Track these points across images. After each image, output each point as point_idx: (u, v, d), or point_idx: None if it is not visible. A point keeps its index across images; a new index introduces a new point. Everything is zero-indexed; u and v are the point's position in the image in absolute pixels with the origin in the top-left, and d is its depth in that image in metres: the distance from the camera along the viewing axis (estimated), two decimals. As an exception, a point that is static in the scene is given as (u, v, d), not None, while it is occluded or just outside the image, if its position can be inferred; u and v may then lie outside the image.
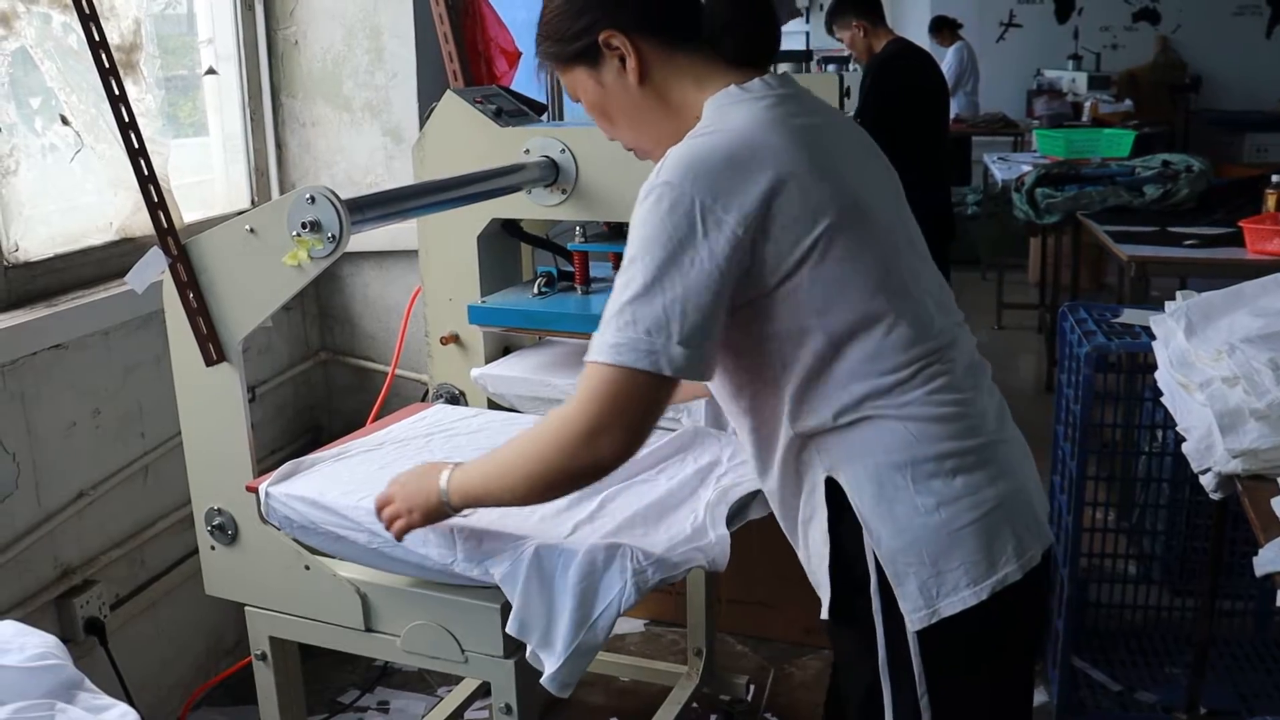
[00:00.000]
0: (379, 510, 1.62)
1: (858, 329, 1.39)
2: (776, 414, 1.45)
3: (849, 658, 1.53)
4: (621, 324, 1.33)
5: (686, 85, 1.47)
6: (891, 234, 1.46)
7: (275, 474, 1.78)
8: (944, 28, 9.29)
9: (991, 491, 1.42)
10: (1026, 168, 5.31)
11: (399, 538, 1.60)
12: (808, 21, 11.93)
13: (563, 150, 2.18)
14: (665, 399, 1.37)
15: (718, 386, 1.51)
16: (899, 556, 1.40)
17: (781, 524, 1.59)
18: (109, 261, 2.55)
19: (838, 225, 1.37)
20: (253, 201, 3.15)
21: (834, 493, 1.44)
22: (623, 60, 1.46)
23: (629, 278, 1.34)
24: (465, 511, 1.58)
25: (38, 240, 2.42)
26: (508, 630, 1.56)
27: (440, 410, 2.17)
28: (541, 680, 1.56)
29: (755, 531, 3.07)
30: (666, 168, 1.34)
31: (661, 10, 1.46)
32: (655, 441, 1.95)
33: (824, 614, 1.50)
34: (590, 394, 1.35)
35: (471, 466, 1.53)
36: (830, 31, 5.00)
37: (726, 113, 1.42)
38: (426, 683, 2.93)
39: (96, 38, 1.69)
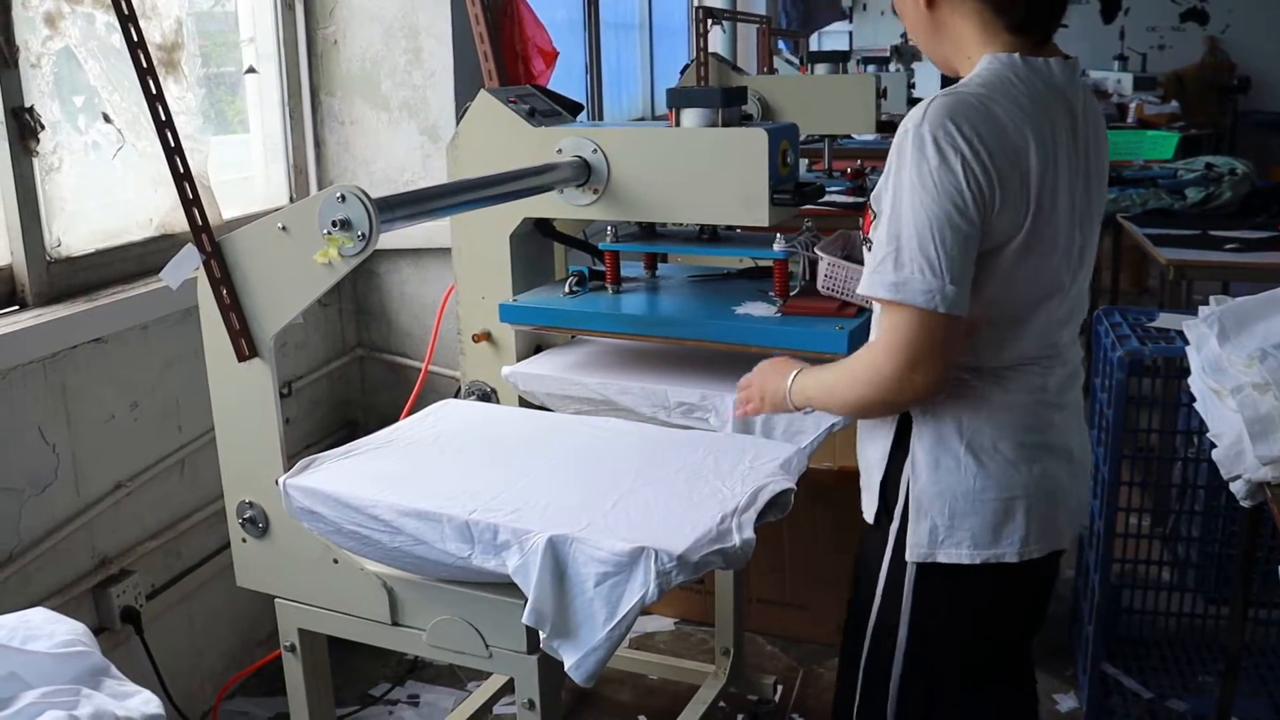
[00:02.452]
0: (740, 390, 1.91)
1: (1002, 320, 1.60)
2: None
3: (868, 555, 1.77)
4: (901, 263, 1.50)
5: (968, 26, 1.61)
6: (1067, 255, 1.62)
7: (291, 470, 1.80)
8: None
9: (1023, 484, 1.64)
10: (1068, 169, 5.27)
11: (743, 417, 1.90)
12: (851, 21, 11.90)
13: (595, 150, 2.19)
14: (954, 334, 1.53)
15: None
16: (925, 498, 1.64)
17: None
18: (149, 257, 2.59)
19: (1031, 229, 1.54)
20: (291, 198, 3.19)
21: (903, 427, 1.67)
22: None
23: (898, 216, 1.50)
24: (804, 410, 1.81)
25: (79, 236, 2.47)
26: (524, 620, 1.57)
27: (449, 406, 2.19)
28: (566, 669, 1.57)
29: (786, 533, 3.09)
30: (932, 114, 1.49)
31: None
32: (678, 441, 1.96)
33: (869, 519, 1.75)
34: (892, 337, 1.54)
35: (812, 376, 1.74)
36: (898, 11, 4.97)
37: (1001, 79, 1.55)
38: (457, 677, 2.96)
39: (135, 38, 1.72)
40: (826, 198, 4.29)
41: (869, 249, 1.60)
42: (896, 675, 1.74)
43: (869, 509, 1.74)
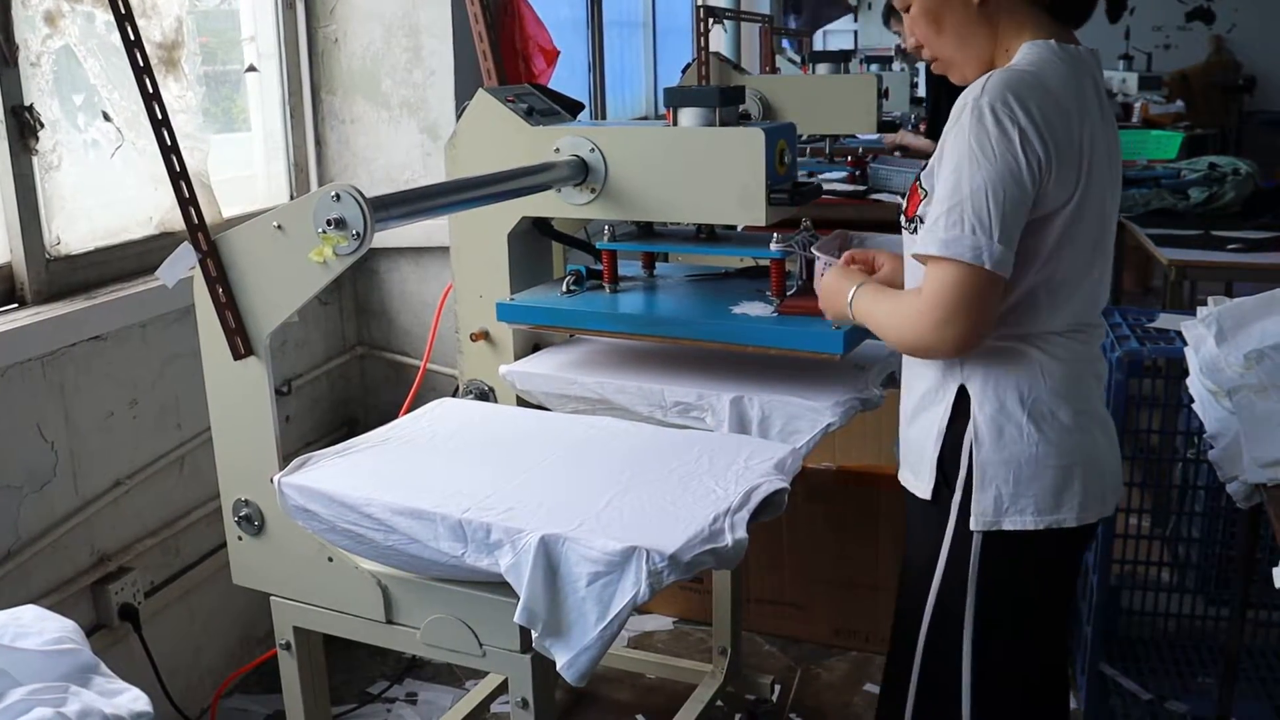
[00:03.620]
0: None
1: (1058, 284, 1.66)
2: None
3: (921, 530, 1.81)
4: (952, 222, 1.57)
5: (1013, 19, 1.69)
6: (1108, 224, 1.72)
7: (286, 468, 1.80)
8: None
9: (1079, 450, 1.71)
10: (1071, 169, 5.26)
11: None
12: (856, 20, 11.89)
13: (592, 150, 2.19)
14: (994, 293, 1.60)
15: (919, 276, 1.69)
16: (990, 467, 1.69)
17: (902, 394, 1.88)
18: (148, 255, 2.60)
19: (1081, 190, 1.62)
20: (292, 197, 3.20)
21: (961, 399, 1.71)
22: None
23: (956, 181, 1.57)
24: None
25: (79, 234, 2.47)
26: (516, 619, 1.57)
27: (445, 405, 2.18)
28: (558, 668, 1.57)
29: (785, 533, 3.09)
30: (991, 88, 1.57)
31: None
32: (673, 441, 1.96)
33: (924, 495, 1.77)
34: (934, 289, 1.60)
35: (868, 300, 1.78)
36: (887, 24, 5.04)
37: (1046, 60, 1.64)
38: (455, 675, 2.96)
39: (132, 36, 1.72)
40: (828, 186, 4.31)
41: (912, 230, 1.70)
42: (968, 646, 1.78)
43: (924, 486, 1.77)
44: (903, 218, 1.76)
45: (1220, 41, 10.28)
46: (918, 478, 1.79)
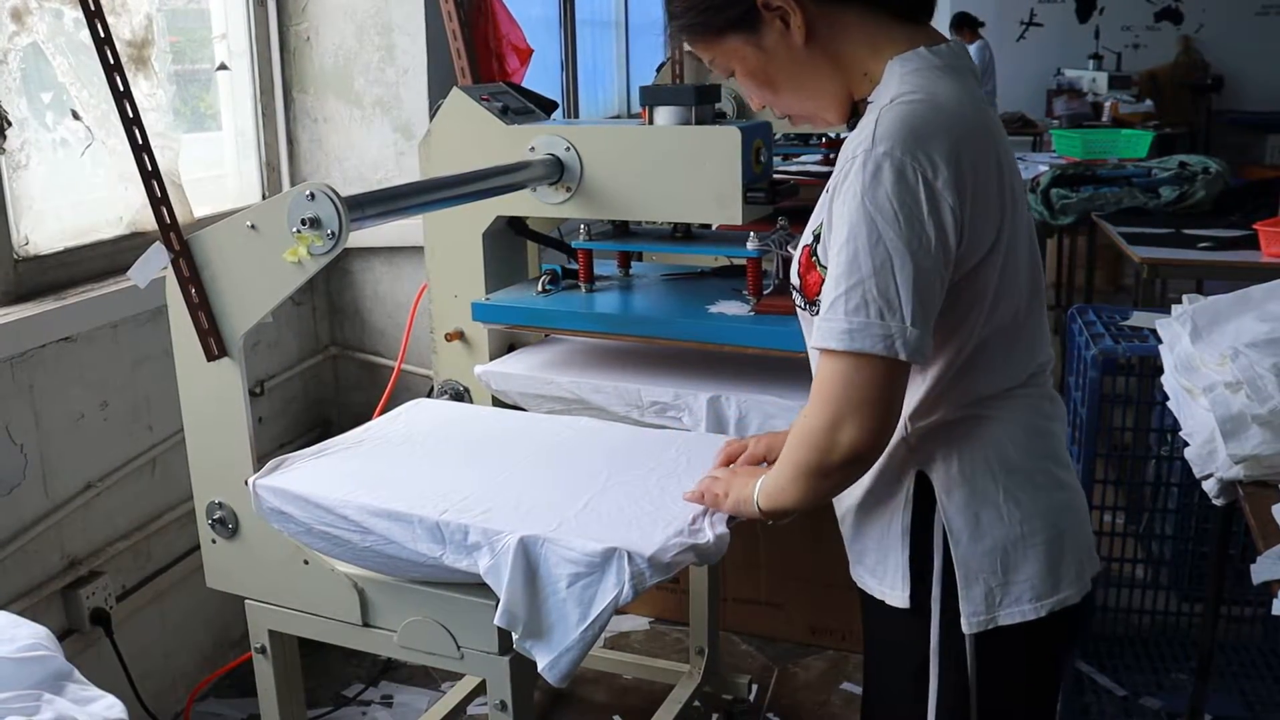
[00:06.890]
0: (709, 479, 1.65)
1: (1008, 326, 1.41)
2: None
3: (896, 635, 1.53)
4: (853, 306, 1.29)
5: (855, 40, 1.40)
6: (1030, 237, 1.46)
7: (261, 470, 1.78)
8: (965, 25, 9.24)
9: (1064, 512, 1.47)
10: (1043, 168, 5.29)
11: (693, 499, 1.65)
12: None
13: (568, 148, 2.18)
14: (902, 385, 1.34)
15: None
16: (974, 561, 1.43)
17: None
18: (119, 255, 2.57)
19: (1009, 217, 1.37)
20: (264, 196, 3.17)
21: (922, 488, 1.45)
22: (784, 20, 1.39)
23: (854, 255, 1.29)
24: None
25: (48, 234, 2.44)
26: (496, 621, 1.56)
27: (420, 406, 2.17)
28: (540, 670, 1.56)
29: (762, 532, 3.09)
30: (884, 136, 1.28)
31: None
32: (651, 440, 1.96)
33: (901, 604, 1.48)
34: (825, 387, 1.33)
35: (767, 477, 1.51)
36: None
37: (927, 78, 1.36)
38: (430, 677, 2.95)
39: (101, 34, 1.70)
40: (803, 168, 4.31)
41: (815, 313, 1.38)
42: None
43: (897, 594, 1.49)
44: (796, 294, 1.48)
45: (1188, 41, 10.37)
46: (886, 584, 1.51)
